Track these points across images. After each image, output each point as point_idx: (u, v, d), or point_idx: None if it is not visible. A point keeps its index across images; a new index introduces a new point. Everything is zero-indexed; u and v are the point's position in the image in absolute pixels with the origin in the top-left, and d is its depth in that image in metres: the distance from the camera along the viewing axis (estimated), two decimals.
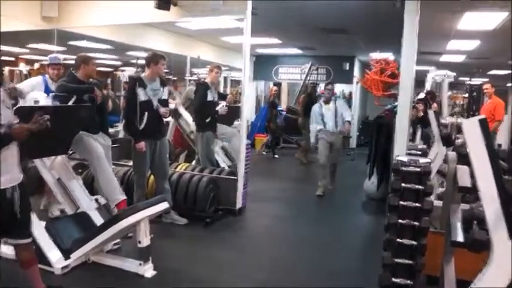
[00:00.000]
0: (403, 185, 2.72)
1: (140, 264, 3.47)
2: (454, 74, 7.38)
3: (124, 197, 4.17)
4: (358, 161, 9.30)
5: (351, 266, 3.95)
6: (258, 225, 5.15)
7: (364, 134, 12.00)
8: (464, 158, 2.70)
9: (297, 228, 5.06)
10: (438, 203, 3.28)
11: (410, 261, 2.68)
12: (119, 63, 12.27)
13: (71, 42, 8.11)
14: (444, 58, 10.20)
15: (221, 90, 8.85)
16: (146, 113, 4.37)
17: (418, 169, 2.72)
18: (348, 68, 12.07)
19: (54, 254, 3.45)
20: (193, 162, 6.05)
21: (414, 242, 2.67)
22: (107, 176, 4.12)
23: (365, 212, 6.11)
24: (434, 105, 6.27)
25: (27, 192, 2.79)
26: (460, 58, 10.23)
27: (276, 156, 10.15)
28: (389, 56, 8.14)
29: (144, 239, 3.45)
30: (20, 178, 2.70)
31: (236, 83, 11.24)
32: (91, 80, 4.33)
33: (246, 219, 5.26)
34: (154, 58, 4.41)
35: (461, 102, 11.41)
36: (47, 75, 4.68)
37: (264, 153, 10.52)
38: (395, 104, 6.04)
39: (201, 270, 3.66)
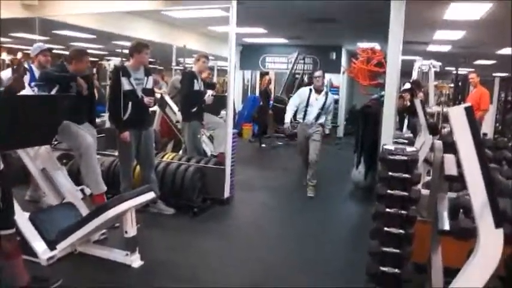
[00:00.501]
0: (390, 173, 2.73)
1: (127, 255, 3.45)
2: (440, 63, 7.46)
3: (103, 190, 4.13)
4: (345, 150, 9.36)
5: (338, 255, 3.98)
6: (246, 214, 5.15)
7: (351, 123, 12.06)
8: (450, 147, 2.71)
9: (284, 218, 5.08)
10: (425, 192, 3.30)
11: (397, 250, 2.69)
12: (104, 52, 12.10)
13: (54, 31, 7.96)
14: (430, 48, 10.25)
15: (214, 80, 8.82)
16: (130, 103, 4.31)
17: (405, 158, 2.73)
18: (334, 57, 12.07)
19: (39, 245, 3.41)
20: (180, 152, 6.01)
21: (402, 231, 2.69)
22: (92, 168, 4.07)
23: (352, 201, 6.15)
24: (421, 94, 6.32)
25: (9, 182, 2.74)
26: (446, 48, 10.29)
27: (264, 145, 10.16)
28: (376, 45, 8.16)
29: (131, 229, 3.43)
30: (0, 167, 2.65)
31: (223, 72, 11.18)
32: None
33: (233, 208, 5.25)
34: (138, 47, 4.34)
35: (447, 92, 11.49)
36: (33, 65, 4.58)
37: (250, 141, 10.58)
38: (382, 93, 6.06)
39: (189, 260, 3.65)
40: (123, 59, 7.34)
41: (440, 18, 6.70)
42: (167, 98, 6.35)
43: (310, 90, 5.84)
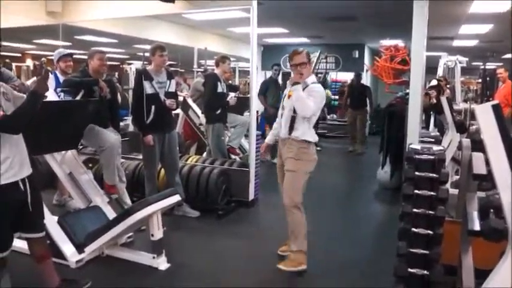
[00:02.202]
0: (416, 173, 2.69)
1: (154, 257, 3.48)
2: (467, 59, 7.27)
3: (114, 183, 4.17)
4: (370, 150, 9.24)
5: (365, 256, 3.91)
6: (271, 216, 5.10)
7: (376, 122, 11.89)
8: (478, 145, 2.65)
9: (309, 219, 5.02)
10: (454, 191, 3.23)
11: (426, 251, 2.65)
12: (125, 56, 12.25)
13: (76, 37, 8.09)
14: (456, 43, 10.02)
15: (236, 81, 8.81)
16: (153, 106, 4.34)
17: (432, 157, 2.68)
18: (357, 55, 11.94)
19: (68, 248, 3.47)
20: (204, 154, 6.04)
21: (430, 232, 2.64)
22: (111, 162, 4.10)
23: (378, 202, 6.05)
24: (447, 91, 6.17)
25: (37, 186, 2.80)
26: (472, 43, 10.04)
27: None
28: (399, 42, 8.02)
29: (157, 232, 3.45)
30: (29, 171, 2.71)
31: (244, 73, 11.17)
32: (105, 75, 4.30)
33: (258, 210, 5.23)
34: (152, 50, 4.37)
35: (475, 88, 11.21)
36: (56, 71, 4.67)
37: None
38: (406, 91, 5.96)
39: (214, 263, 3.66)
40: (145, 63, 7.41)
41: (465, 11, 6.54)
42: (190, 101, 6.39)
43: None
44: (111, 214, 3.86)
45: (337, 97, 12.99)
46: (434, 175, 2.66)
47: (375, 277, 3.44)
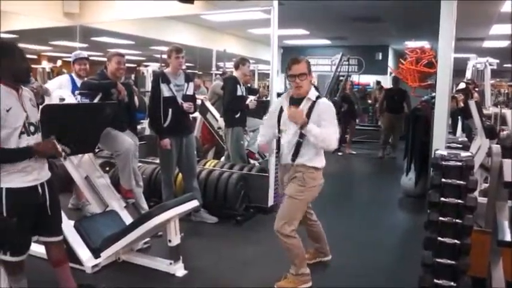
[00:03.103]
0: (443, 180, 2.58)
1: (171, 264, 3.42)
2: (497, 60, 7.02)
3: (130, 188, 4.14)
4: (394, 155, 9.06)
5: (389, 265, 3.78)
6: None
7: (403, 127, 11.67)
8: (509, 151, 2.55)
9: (330, 226, 4.89)
10: (482, 200, 3.10)
11: (453, 262, 2.53)
12: (142, 58, 12.33)
13: (93, 38, 8.13)
14: (486, 44, 9.74)
15: (255, 84, 8.73)
16: (170, 109, 4.29)
17: (460, 163, 2.58)
18: (381, 58, 11.76)
19: (84, 253, 3.44)
20: (223, 159, 5.97)
21: (457, 241, 2.54)
22: (127, 166, 4.07)
23: (402, 210, 5.87)
24: (476, 95, 5.97)
25: (55, 190, 2.77)
26: (504, 43, 9.74)
27: None
28: (426, 44, 7.83)
29: (175, 238, 3.39)
30: (48, 175, 2.69)
31: (263, 76, 11.11)
32: (123, 77, 4.28)
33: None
34: (169, 52, 4.33)
35: (506, 91, 10.86)
36: (73, 73, 4.68)
37: None
38: (432, 94, 5.79)
39: (232, 270, 3.58)
40: (162, 65, 7.39)
41: (496, 11, 6.31)
42: (208, 104, 6.34)
43: (285, 100, 3.23)
44: (127, 219, 3.82)
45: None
46: (462, 182, 2.55)
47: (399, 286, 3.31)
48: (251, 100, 5.60)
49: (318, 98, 3.06)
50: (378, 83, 13.23)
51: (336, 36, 10.59)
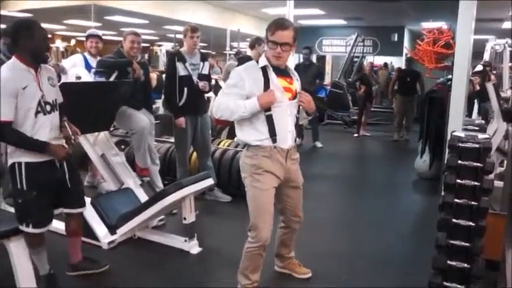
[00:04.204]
0: (459, 162, 2.55)
1: (185, 241, 3.47)
2: None
3: (146, 166, 4.18)
4: (408, 138, 8.99)
5: (402, 247, 3.79)
6: (305, 203, 5.02)
7: (416, 109, 11.56)
8: None
9: (345, 208, 4.92)
10: (498, 183, 3.07)
11: (467, 244, 2.53)
12: (155, 38, 12.25)
13: (106, 17, 8.10)
14: (506, 25, 9.51)
15: None
16: (186, 88, 4.29)
17: (477, 145, 2.54)
18: (396, 39, 11.57)
19: (100, 229, 3.50)
20: (236, 139, 5.97)
21: (472, 223, 2.52)
22: (142, 146, 4.11)
23: (416, 192, 5.85)
24: (492, 77, 5.86)
25: (74, 164, 2.89)
26: None
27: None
28: (443, 24, 7.66)
29: (189, 216, 3.43)
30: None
31: None
32: (140, 56, 4.28)
33: None
34: (184, 31, 4.31)
35: None
36: (85, 53, 4.69)
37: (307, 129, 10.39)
38: (448, 76, 5.70)
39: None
40: (176, 44, 7.34)
41: None
42: (222, 84, 6.32)
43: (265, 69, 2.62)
44: (143, 197, 3.86)
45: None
46: (479, 164, 2.52)
47: (412, 268, 3.32)
48: None
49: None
50: (385, 65, 13.06)
51: (352, 17, 10.43)
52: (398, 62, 12.43)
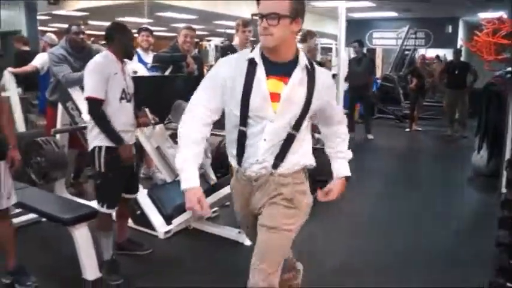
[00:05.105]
0: None
1: (239, 232, 3.49)
2: None
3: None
4: (464, 133, 8.67)
5: (460, 245, 3.65)
6: (358, 198, 4.94)
7: (473, 102, 11.11)
8: None
9: (399, 204, 4.80)
10: None
11: None
12: (204, 33, 12.37)
13: (158, 14, 8.27)
14: None
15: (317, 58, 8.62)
16: None
17: None
18: (450, 30, 11.14)
19: (157, 219, 3.61)
20: None
21: None
22: None
23: (472, 188, 5.65)
24: None
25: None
26: None
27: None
28: (503, 14, 7.28)
29: None
30: (134, 140, 3.04)
31: (324, 50, 10.87)
32: (195, 51, 4.38)
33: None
34: (236, 25, 4.37)
35: None
36: (138, 49, 4.84)
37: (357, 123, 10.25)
38: (507, 69, 5.45)
39: (299, 241, 3.62)
40: (225, 39, 7.39)
41: None
42: None
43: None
44: None
45: None
46: None
47: (471, 267, 3.18)
48: None
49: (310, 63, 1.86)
50: (437, 57, 12.61)
51: (403, 8, 10.14)
52: (452, 55, 11.98)
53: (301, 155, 1.97)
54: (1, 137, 2.64)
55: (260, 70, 1.79)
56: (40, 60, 5.28)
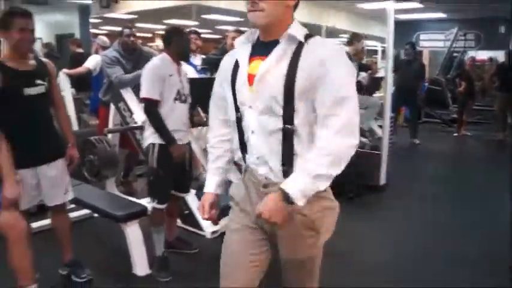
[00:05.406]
0: None
1: None
2: None
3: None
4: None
5: (498, 252, 3.46)
6: (402, 203, 4.84)
7: None
8: None
9: (444, 210, 4.67)
10: None
11: None
12: None
13: (203, 16, 8.38)
14: None
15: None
16: None
17: None
18: (503, 31, 10.69)
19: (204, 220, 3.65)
20: None
21: None
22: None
23: None
24: None
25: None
26: None
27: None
28: None
29: None
30: (188, 139, 3.14)
31: (369, 52, 10.66)
32: None
33: (389, 196, 4.98)
34: None
35: None
36: None
37: (402, 126, 10.00)
38: None
39: (342, 243, 3.58)
40: None
41: None
42: None
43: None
44: None
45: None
46: None
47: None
48: (363, 77, 5.46)
49: (308, 37, 1.53)
50: (491, 59, 12.14)
51: (452, 9, 9.83)
52: (504, 57, 11.52)
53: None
54: (61, 135, 2.75)
55: (242, 51, 1.59)
56: (92, 62, 5.47)
